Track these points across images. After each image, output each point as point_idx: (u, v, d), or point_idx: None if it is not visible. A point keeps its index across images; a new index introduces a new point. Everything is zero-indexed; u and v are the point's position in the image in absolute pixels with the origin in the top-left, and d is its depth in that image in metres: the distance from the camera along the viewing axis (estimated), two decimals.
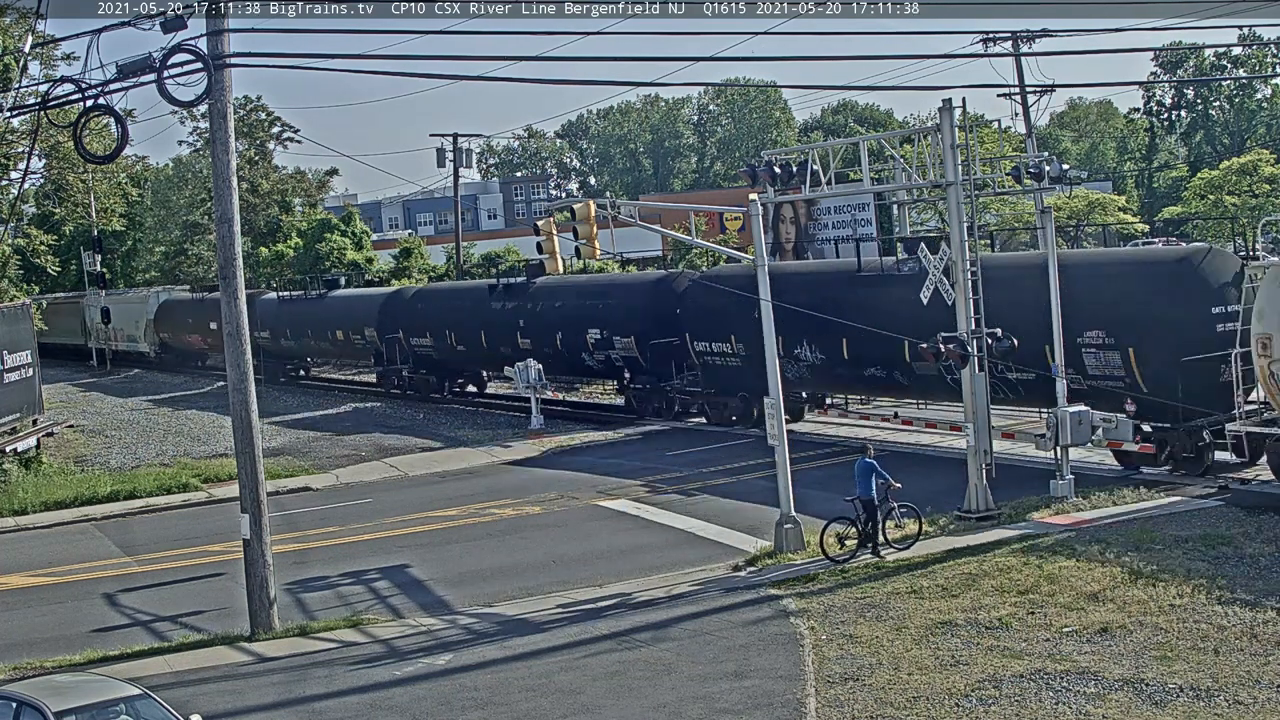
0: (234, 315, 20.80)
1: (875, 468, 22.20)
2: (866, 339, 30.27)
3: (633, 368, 40.28)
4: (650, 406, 40.49)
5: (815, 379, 35.21)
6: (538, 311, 42.87)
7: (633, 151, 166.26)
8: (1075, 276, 27.50)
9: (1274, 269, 24.50)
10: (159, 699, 14.35)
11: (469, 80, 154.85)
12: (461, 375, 50.57)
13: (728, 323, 35.84)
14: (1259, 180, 68.32)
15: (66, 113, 21.99)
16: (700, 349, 37.48)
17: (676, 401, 39.65)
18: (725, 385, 37.25)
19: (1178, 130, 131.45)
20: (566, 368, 43.48)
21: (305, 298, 56.80)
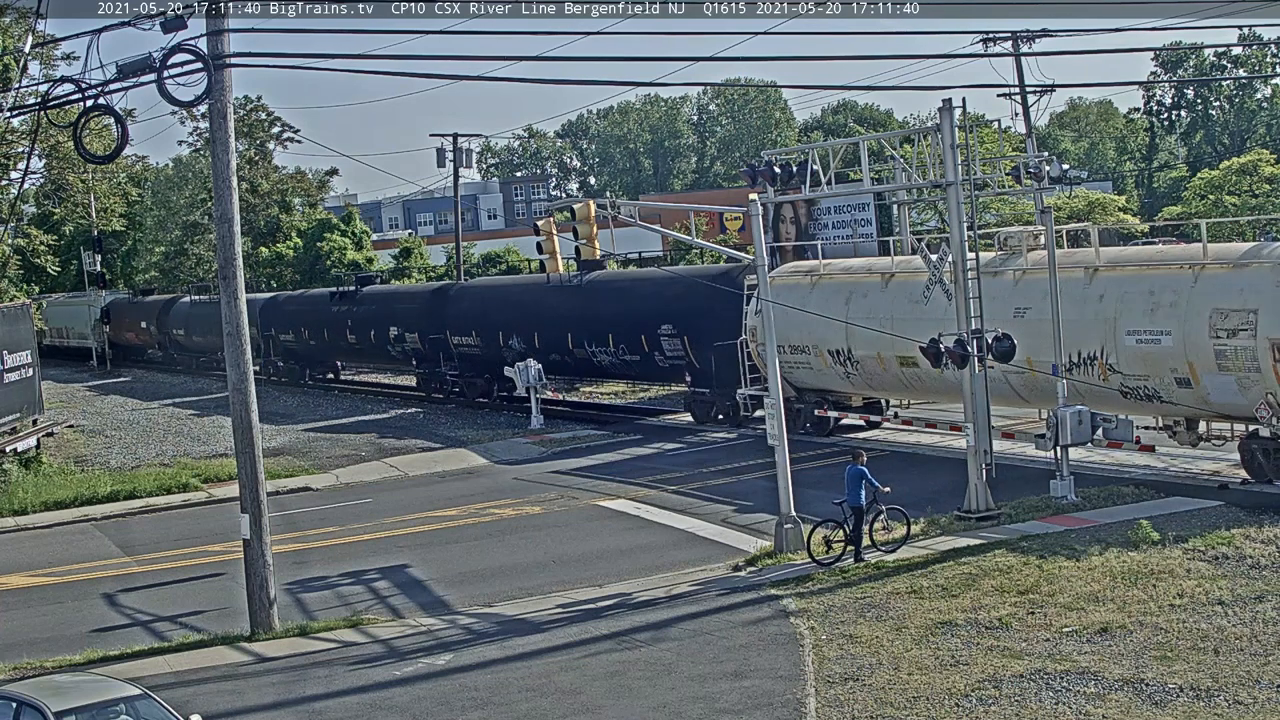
0: (234, 315, 20.80)
1: (866, 475, 22.08)
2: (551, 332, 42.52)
3: (417, 357, 50.78)
4: (430, 386, 51.20)
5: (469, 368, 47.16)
6: (360, 314, 53.58)
7: (633, 151, 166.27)
8: (655, 285, 39.91)
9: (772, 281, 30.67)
10: (159, 699, 14.35)
11: (469, 80, 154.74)
12: (319, 365, 60.01)
13: (472, 322, 46.80)
14: (1259, 180, 68.33)
15: (66, 113, 21.99)
16: (456, 342, 47.75)
17: (446, 381, 49.21)
18: (471, 369, 47.62)
19: (1178, 130, 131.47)
20: (379, 357, 54.86)
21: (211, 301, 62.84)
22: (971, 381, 24.62)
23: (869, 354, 32.52)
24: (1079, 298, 27.69)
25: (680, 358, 38.33)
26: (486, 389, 47.31)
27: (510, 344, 44.36)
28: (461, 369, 48.11)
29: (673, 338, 38.16)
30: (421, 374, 51.74)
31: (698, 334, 37.14)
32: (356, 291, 54.54)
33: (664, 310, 38.51)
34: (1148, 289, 26.59)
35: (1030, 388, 28.95)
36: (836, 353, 33.46)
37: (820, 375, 34.58)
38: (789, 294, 33.55)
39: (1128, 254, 29.40)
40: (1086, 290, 27.74)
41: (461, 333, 47.13)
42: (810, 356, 34.41)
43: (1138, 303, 26.60)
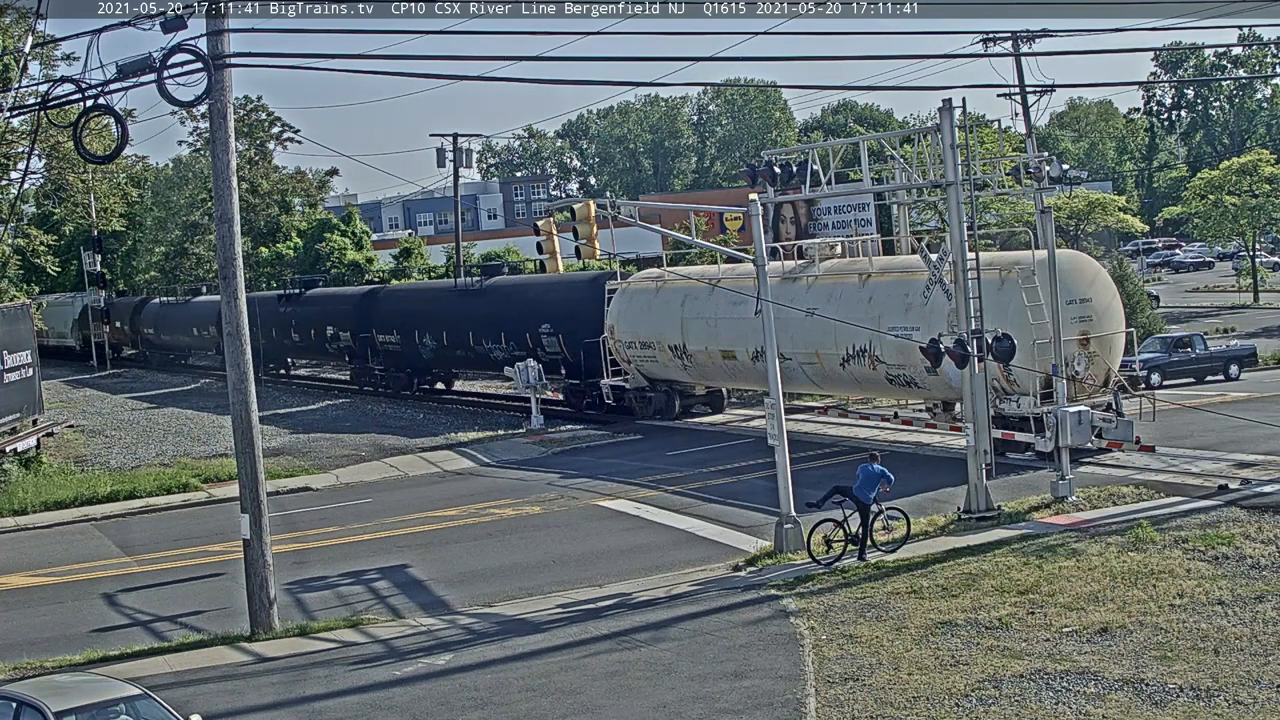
0: (234, 315, 20.80)
1: (885, 474, 22.06)
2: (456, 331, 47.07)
3: (350, 354, 55.63)
4: (361, 380, 55.41)
5: (435, 358, 50.27)
6: (303, 314, 57.92)
7: (633, 151, 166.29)
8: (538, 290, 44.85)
9: (623, 288, 39.85)
10: (159, 699, 14.34)
11: (469, 80, 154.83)
12: (271, 361, 63.00)
13: (394, 322, 51.26)
14: (1259, 180, 68.27)
15: (66, 113, 21.98)
16: (381, 340, 52.29)
17: (374, 376, 54.00)
18: (394, 365, 52.47)
19: (1178, 130, 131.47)
20: (320, 354, 60.37)
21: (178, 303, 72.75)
22: (971, 381, 24.63)
23: (699, 349, 37.46)
24: (854, 300, 32.34)
25: (557, 353, 42.53)
26: (408, 382, 52.61)
27: (424, 341, 49.52)
28: (386, 364, 53.06)
29: (551, 336, 42.36)
30: (354, 369, 56.68)
31: (571, 332, 41.52)
32: (301, 294, 59.07)
33: (544, 312, 42.91)
34: (904, 292, 31.09)
35: (820, 375, 34.19)
36: (674, 347, 38.27)
37: (665, 367, 39.30)
38: (640, 297, 39.48)
39: (894, 262, 33.50)
40: (860, 293, 32.38)
41: (385, 331, 51.96)
42: (655, 351, 39.07)
43: (896, 304, 31.09)
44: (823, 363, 33.50)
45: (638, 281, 40.89)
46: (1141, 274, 78.20)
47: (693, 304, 37.59)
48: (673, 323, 38.00)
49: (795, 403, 37.60)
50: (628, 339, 39.79)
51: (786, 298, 32.22)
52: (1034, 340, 27.93)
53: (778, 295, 32.14)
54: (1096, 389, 29.49)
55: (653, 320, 38.75)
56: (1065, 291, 29.20)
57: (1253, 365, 44.34)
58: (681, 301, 38.03)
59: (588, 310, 41.17)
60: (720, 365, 37.24)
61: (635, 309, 39.86)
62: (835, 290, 33.08)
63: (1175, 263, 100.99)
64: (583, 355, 41.40)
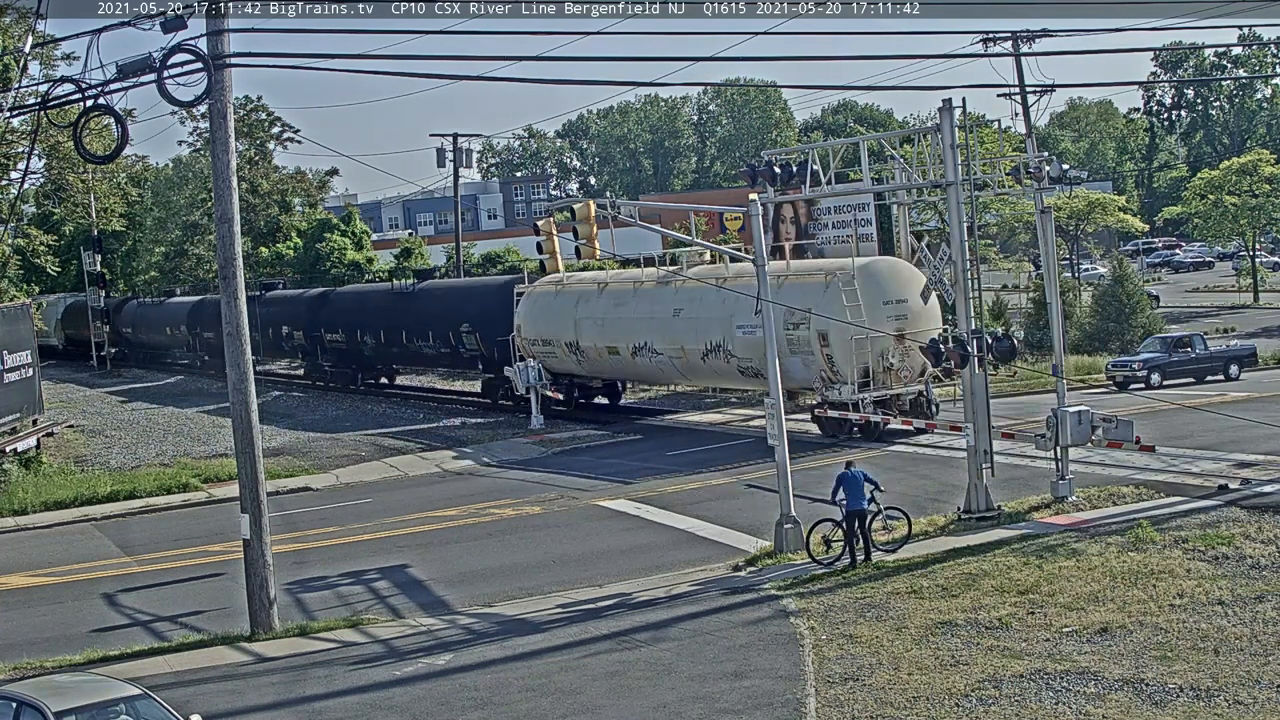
0: (234, 315, 20.81)
1: (866, 477, 21.83)
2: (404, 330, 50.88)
3: (302, 351, 59.91)
4: (312, 375, 59.67)
5: (376, 355, 54.84)
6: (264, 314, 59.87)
7: (633, 151, 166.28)
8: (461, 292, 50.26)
9: (528, 292, 43.84)
10: (159, 699, 14.34)
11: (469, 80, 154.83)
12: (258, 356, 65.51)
13: (340, 322, 55.59)
14: (1259, 180, 68.26)
15: (66, 113, 21.97)
16: (329, 338, 56.51)
17: (324, 371, 58.22)
18: (341, 361, 56.83)
19: (1178, 130, 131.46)
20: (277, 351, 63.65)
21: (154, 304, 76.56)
22: (971, 381, 24.63)
23: (590, 345, 41.33)
24: (712, 302, 36.22)
25: (476, 349, 47.00)
26: (354, 377, 57.09)
27: (365, 340, 54.00)
28: (334, 361, 57.39)
29: (470, 334, 46.72)
30: (306, 365, 61.28)
31: (487, 331, 45.72)
32: (261, 295, 62.55)
33: (464, 313, 47.22)
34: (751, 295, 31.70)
35: (687, 368, 38.60)
36: (570, 344, 42.02)
37: (563, 362, 42.97)
38: (542, 300, 43.50)
39: (746, 268, 34.82)
40: (716, 295, 35.80)
41: (333, 331, 56.38)
42: (555, 348, 42.71)
43: (745, 305, 33.09)
44: (687, 357, 37.73)
45: (541, 286, 44.15)
46: (1141, 274, 78.20)
47: (584, 306, 41.55)
48: (568, 323, 41.90)
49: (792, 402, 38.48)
50: (532, 337, 43.43)
51: (659, 300, 37.95)
52: (851, 337, 32.09)
53: (652, 298, 39.26)
54: (913, 378, 33.86)
55: (552, 321, 42.75)
56: (883, 293, 33.67)
57: (1253, 365, 44.36)
58: (575, 304, 41.92)
59: (500, 311, 44.92)
60: (607, 360, 41.29)
61: (538, 310, 43.57)
62: (700, 294, 36.91)
63: (1175, 263, 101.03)
64: (496, 352, 45.28)
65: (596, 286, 41.80)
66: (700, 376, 39.30)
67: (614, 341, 40.09)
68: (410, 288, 52.40)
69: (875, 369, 33.22)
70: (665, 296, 38.53)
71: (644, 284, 40.20)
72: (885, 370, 33.15)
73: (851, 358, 32.84)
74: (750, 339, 34.37)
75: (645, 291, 39.67)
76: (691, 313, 36.78)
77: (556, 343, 42.48)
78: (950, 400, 34.30)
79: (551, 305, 43.02)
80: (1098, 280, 66.85)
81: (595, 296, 41.43)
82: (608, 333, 40.47)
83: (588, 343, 41.29)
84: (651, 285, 39.28)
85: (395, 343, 52.05)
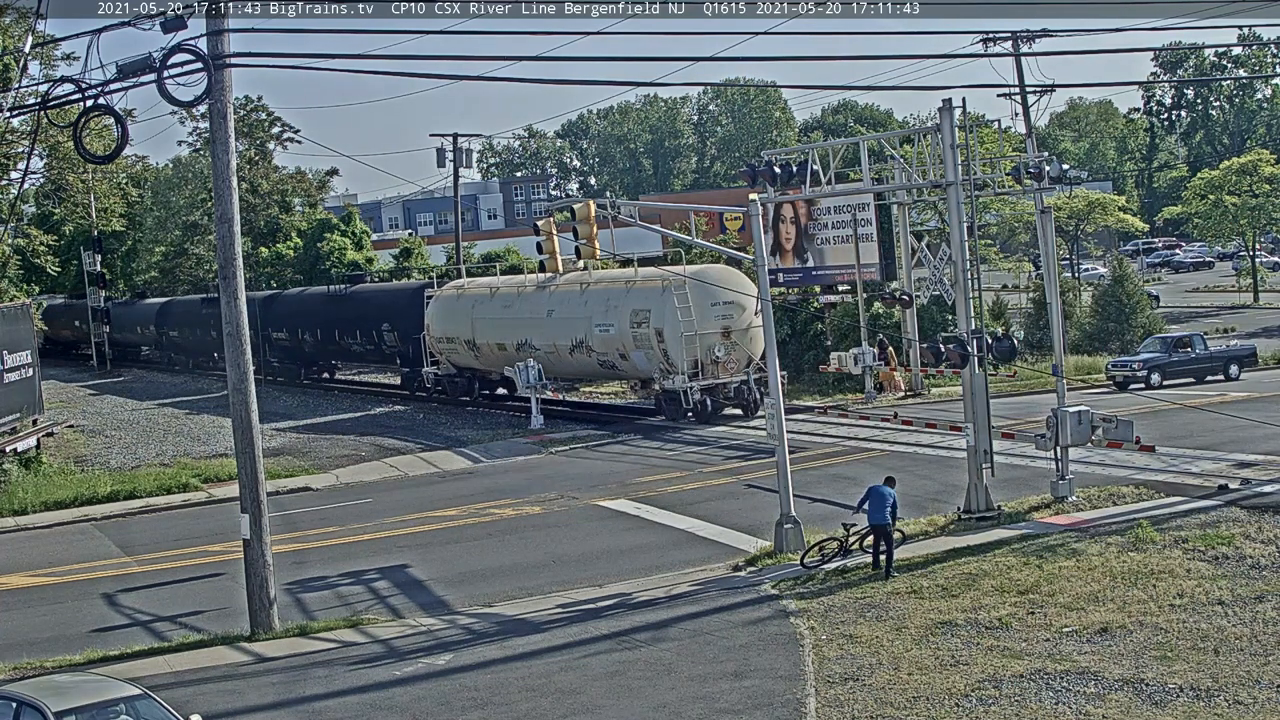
0: (234, 315, 20.83)
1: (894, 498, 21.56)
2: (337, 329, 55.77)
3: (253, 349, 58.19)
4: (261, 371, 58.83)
5: (316, 352, 59.20)
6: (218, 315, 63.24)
7: (633, 151, 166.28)
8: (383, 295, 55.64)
9: (436, 295, 48.93)
10: (159, 699, 14.34)
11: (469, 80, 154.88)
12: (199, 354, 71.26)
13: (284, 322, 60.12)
14: (1259, 180, 68.26)
15: (66, 113, 21.97)
16: (276, 337, 60.64)
17: (272, 368, 61.07)
18: (285, 357, 61.12)
19: (1178, 130, 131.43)
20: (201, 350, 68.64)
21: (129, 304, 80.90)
22: (971, 381, 24.63)
23: (484, 342, 46.09)
24: (576, 303, 41.61)
25: (395, 346, 52.21)
26: (298, 372, 61.48)
27: (305, 338, 58.30)
28: (280, 357, 61.85)
29: (390, 333, 51.94)
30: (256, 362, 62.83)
31: (404, 330, 50.76)
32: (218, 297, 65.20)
33: (385, 314, 52.48)
34: (606, 297, 40.49)
35: (559, 362, 43.16)
36: (468, 342, 46.97)
37: (464, 357, 48.06)
38: (447, 302, 48.56)
39: (605, 274, 42.81)
40: (580, 298, 41.57)
41: (279, 330, 60.69)
42: (457, 345, 47.82)
43: (601, 306, 40.28)
44: (559, 352, 42.33)
45: (446, 290, 49.64)
46: (1141, 274, 78.21)
47: (479, 308, 46.68)
48: (466, 323, 46.92)
49: (795, 403, 39.08)
50: (439, 335, 48.60)
51: (537, 303, 43.47)
52: (682, 333, 37.65)
53: (531, 301, 44.41)
54: (739, 370, 38.69)
55: (454, 321, 47.81)
56: (712, 297, 38.02)
57: (1253, 365, 44.37)
58: (472, 306, 47.10)
59: (415, 312, 49.94)
60: (498, 355, 45.73)
61: (443, 312, 48.46)
62: (567, 297, 42.32)
63: (1175, 263, 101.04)
64: (411, 349, 50.74)
65: (489, 291, 46.97)
66: (570, 369, 44.00)
67: (503, 339, 44.85)
68: (343, 291, 57.06)
69: (704, 361, 38.31)
70: (542, 299, 43.61)
71: (526, 289, 45.52)
72: (713, 363, 38.23)
73: (683, 352, 37.91)
74: (605, 336, 39.84)
75: (527, 295, 44.90)
76: (561, 314, 42.07)
77: (458, 340, 47.56)
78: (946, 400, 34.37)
79: (454, 308, 47.96)
80: (1098, 280, 66.86)
81: (488, 300, 46.46)
82: (498, 331, 45.22)
83: (482, 340, 46.03)
84: (532, 290, 44.77)
85: (330, 340, 56.90)
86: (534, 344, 43.06)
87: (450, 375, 49.34)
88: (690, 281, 37.70)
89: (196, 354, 71.23)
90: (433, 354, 49.08)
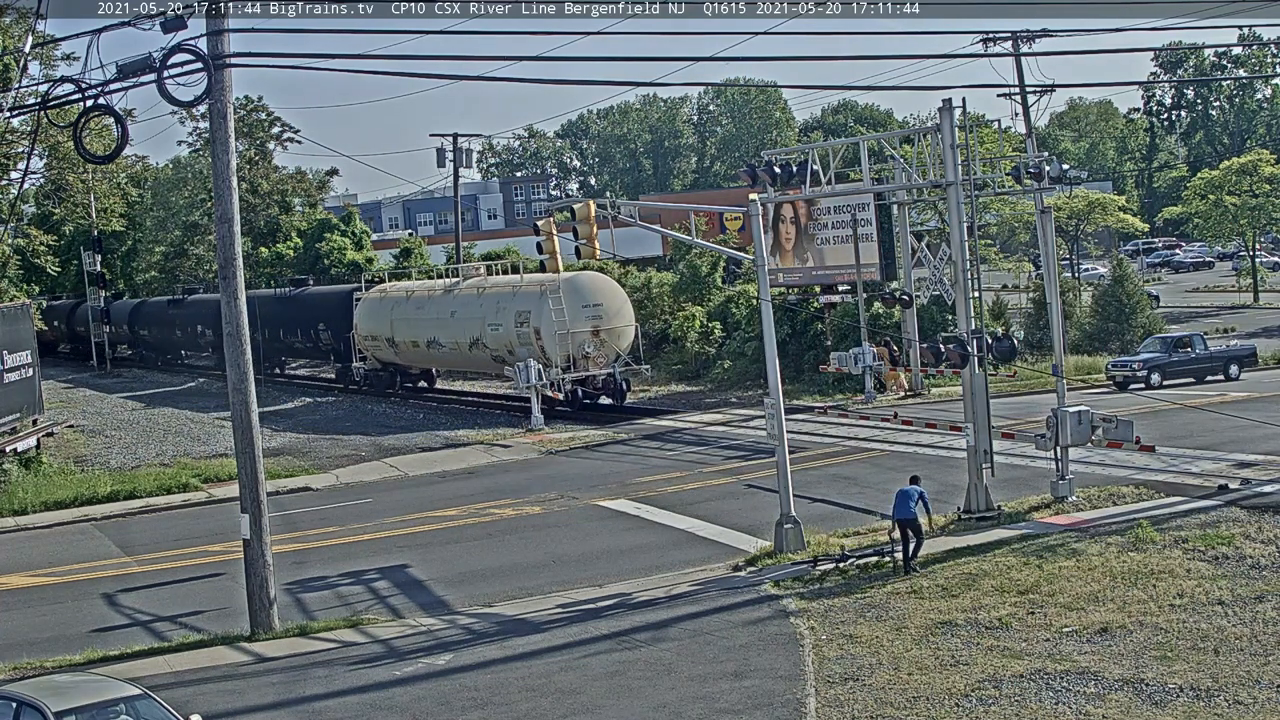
0: (234, 315, 20.82)
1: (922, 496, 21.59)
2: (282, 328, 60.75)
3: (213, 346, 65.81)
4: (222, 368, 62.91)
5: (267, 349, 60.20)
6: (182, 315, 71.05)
7: (633, 151, 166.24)
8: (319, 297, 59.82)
9: (363, 298, 53.96)
10: (159, 699, 14.34)
11: (469, 80, 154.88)
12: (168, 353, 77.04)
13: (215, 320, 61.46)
14: (1259, 180, 68.24)
15: (66, 113, 21.98)
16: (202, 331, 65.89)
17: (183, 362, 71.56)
18: None
19: (1178, 130, 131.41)
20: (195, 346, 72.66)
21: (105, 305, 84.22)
22: (971, 381, 24.63)
23: (401, 340, 51.08)
24: (474, 305, 46.67)
25: (330, 344, 57.72)
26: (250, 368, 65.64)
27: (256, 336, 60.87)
28: None
29: (325, 331, 57.39)
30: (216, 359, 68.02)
31: (337, 329, 56.23)
32: (183, 299, 72.68)
33: (321, 314, 57.82)
34: (497, 300, 45.58)
35: (462, 358, 48.84)
36: (389, 340, 51.98)
37: (386, 354, 53.31)
38: (371, 304, 53.65)
39: (500, 280, 48.08)
40: (477, 301, 46.70)
41: None
42: (380, 342, 52.92)
43: (494, 307, 45.46)
44: (460, 349, 47.46)
45: (371, 293, 54.77)
46: (1141, 274, 78.20)
47: (398, 309, 51.68)
48: (387, 322, 52.02)
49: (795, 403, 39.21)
50: (365, 334, 53.76)
51: (444, 304, 48.39)
52: (556, 332, 42.16)
53: (438, 304, 49.10)
54: (607, 364, 42.93)
55: (377, 320, 52.82)
56: (582, 298, 43.10)
57: (1253, 365, 44.37)
58: (392, 308, 52.15)
59: (345, 313, 55.47)
60: (413, 351, 51.04)
61: (368, 312, 53.58)
62: (467, 300, 47.43)
63: (1175, 263, 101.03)
64: (343, 346, 56.24)
65: (406, 294, 52.00)
66: (470, 363, 49.41)
67: (416, 337, 49.96)
68: (289, 293, 62.03)
69: (576, 356, 42.67)
70: (447, 302, 48.55)
71: (435, 292, 50.21)
72: (584, 357, 42.69)
73: (558, 348, 42.29)
74: (496, 334, 45.05)
75: (435, 298, 49.69)
76: (462, 315, 47.11)
77: (380, 338, 52.81)
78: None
79: (377, 309, 53.18)
80: (1098, 280, 66.84)
81: (405, 302, 51.55)
82: (412, 330, 50.29)
83: (399, 338, 51.24)
84: (440, 293, 49.62)
85: (277, 338, 61.96)
86: (440, 341, 48.23)
87: (375, 370, 54.61)
88: (564, 286, 42.60)
89: (164, 351, 76.88)
90: (361, 350, 54.25)
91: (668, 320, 55.84)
